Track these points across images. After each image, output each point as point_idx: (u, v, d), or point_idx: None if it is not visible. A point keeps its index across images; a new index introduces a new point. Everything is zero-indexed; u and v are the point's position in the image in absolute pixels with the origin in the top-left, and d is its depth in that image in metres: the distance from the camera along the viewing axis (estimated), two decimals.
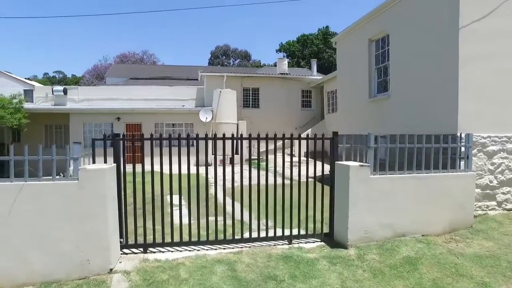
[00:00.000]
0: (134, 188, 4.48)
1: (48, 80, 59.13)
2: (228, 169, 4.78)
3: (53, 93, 19.29)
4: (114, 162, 4.49)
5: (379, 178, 4.66)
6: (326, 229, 4.96)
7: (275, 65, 46.89)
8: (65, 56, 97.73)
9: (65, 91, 19.39)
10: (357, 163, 4.66)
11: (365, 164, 4.63)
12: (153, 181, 4.45)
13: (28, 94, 20.32)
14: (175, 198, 4.83)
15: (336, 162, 4.87)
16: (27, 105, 17.88)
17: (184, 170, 4.50)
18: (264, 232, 4.77)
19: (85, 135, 15.93)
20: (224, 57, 50.42)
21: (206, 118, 15.58)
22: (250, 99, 19.04)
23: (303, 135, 18.52)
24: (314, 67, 29.11)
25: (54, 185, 3.78)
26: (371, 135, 4.82)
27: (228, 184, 5.05)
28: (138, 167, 4.49)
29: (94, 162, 4.44)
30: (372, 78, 9.41)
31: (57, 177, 3.91)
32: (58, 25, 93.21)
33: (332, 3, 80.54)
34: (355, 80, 10.29)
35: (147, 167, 4.47)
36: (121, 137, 4.58)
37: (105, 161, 4.32)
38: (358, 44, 9.97)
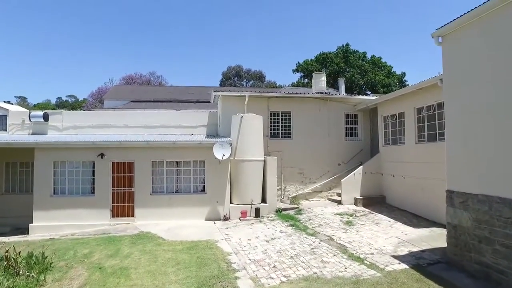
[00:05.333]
0: None
1: (61, 105, 57.47)
2: (255, 231, 0.84)
3: (30, 120, 15.34)
4: None
5: None
6: None
7: (292, 85, 43.05)
8: (79, 79, 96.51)
9: (45, 117, 15.37)
10: None
11: None
12: None
13: (1, 120, 16.51)
14: None
15: None
16: None
17: (189, 234, 0.37)
18: None
19: (56, 178, 11.49)
20: (236, 78, 46.85)
21: (223, 155, 11.05)
22: (279, 127, 14.40)
23: (353, 173, 12.98)
24: (342, 87, 24.91)
25: None
26: None
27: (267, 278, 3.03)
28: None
29: None
30: None
31: None
32: (72, 47, 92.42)
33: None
34: (499, 93, 5.79)
35: (140, 223, 0.24)
36: None
37: None
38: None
